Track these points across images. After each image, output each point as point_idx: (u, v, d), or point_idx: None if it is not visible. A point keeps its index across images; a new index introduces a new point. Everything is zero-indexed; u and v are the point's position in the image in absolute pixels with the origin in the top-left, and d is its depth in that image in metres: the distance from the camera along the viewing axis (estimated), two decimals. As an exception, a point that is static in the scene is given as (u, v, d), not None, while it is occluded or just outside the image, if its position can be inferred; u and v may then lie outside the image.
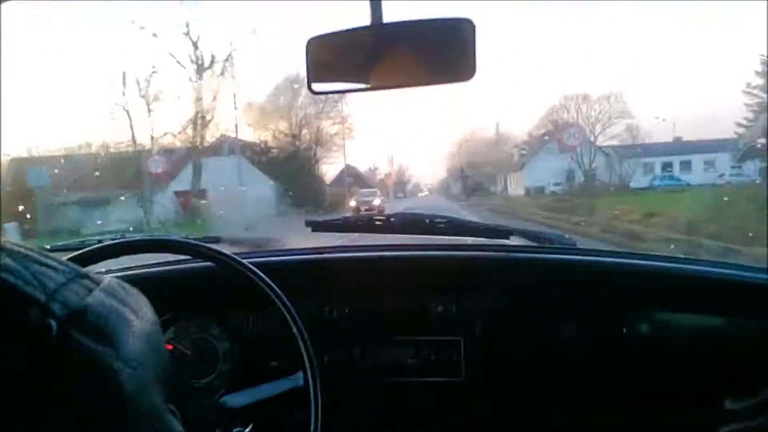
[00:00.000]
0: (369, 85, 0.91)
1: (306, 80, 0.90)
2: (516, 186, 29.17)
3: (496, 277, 1.43)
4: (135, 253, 1.22)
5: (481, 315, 1.37)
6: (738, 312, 1.31)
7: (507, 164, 30.29)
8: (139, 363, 0.37)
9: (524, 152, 29.92)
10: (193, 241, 1.22)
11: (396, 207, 19.93)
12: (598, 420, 1.35)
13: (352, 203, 20.55)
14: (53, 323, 0.33)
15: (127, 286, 0.42)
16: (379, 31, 0.88)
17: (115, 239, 1.28)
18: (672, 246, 7.76)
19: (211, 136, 20.79)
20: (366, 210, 15.93)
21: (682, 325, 1.35)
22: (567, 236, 1.57)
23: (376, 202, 19.76)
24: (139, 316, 0.40)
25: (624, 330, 1.34)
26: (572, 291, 1.39)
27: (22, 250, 0.36)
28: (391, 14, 0.89)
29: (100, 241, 1.23)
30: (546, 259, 1.45)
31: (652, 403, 1.33)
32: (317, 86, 0.92)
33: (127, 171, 17.69)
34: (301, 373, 1.05)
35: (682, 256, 1.46)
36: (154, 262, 1.48)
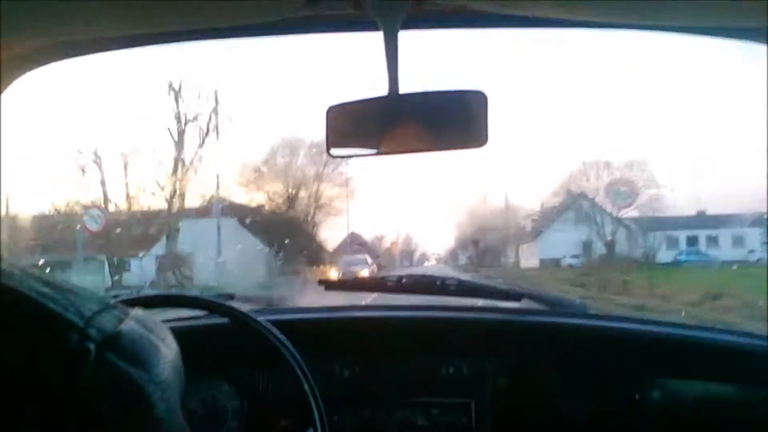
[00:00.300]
0: (384, 150, 0.96)
1: (325, 145, 0.95)
2: (528, 257, 27.72)
3: (507, 340, 1.43)
4: (151, 307, 1.24)
5: (491, 378, 1.37)
6: (749, 380, 1.30)
7: (519, 234, 29.33)
8: (168, 386, 0.39)
9: (536, 222, 28.20)
10: (209, 298, 1.25)
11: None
12: None
13: (333, 273, 18.48)
14: (92, 346, 0.35)
15: (152, 317, 0.44)
16: (395, 101, 0.93)
17: (131, 295, 1.31)
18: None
19: (199, 197, 19.86)
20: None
21: (694, 392, 1.34)
22: (578, 301, 1.58)
23: (364, 272, 16.21)
24: (166, 344, 0.42)
25: (636, 396, 1.32)
26: (584, 356, 1.38)
27: (57, 281, 0.39)
28: (407, 85, 0.94)
29: (116, 296, 1.26)
30: (558, 323, 1.46)
31: None
32: (335, 151, 0.97)
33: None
34: (310, 430, 1.05)
35: (693, 324, 1.46)
36: (166, 318, 1.50)
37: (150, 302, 1.24)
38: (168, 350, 0.42)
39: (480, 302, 1.54)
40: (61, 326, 0.35)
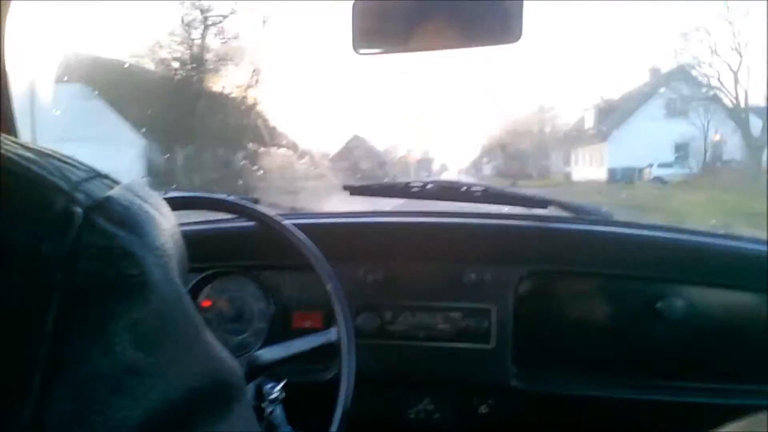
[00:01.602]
0: (413, 47, 0.91)
1: (351, 43, 0.90)
2: (589, 166, 21.80)
3: (531, 246, 1.42)
4: (174, 209, 1.25)
5: (513, 284, 1.38)
6: None
7: (574, 136, 24.16)
8: (164, 254, 0.38)
9: (604, 113, 22.12)
10: (235, 200, 1.25)
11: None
12: (625, 394, 1.35)
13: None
14: (78, 210, 0.33)
15: (146, 187, 0.42)
16: None
17: (165, 194, 1.30)
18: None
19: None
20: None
21: (716, 300, 1.33)
22: (604, 209, 1.56)
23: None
24: (162, 213, 0.40)
25: (658, 304, 1.33)
26: (607, 263, 1.38)
27: (43, 148, 0.37)
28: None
29: None
30: (581, 230, 1.45)
31: (681, 379, 1.33)
32: (362, 49, 0.92)
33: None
34: (334, 329, 1.07)
35: (721, 232, 1.43)
36: (192, 220, 1.52)
37: (173, 203, 1.24)
38: (164, 219, 0.40)
39: (506, 209, 1.52)
40: (46, 190, 0.34)
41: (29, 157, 0.35)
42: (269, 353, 1.06)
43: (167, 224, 0.41)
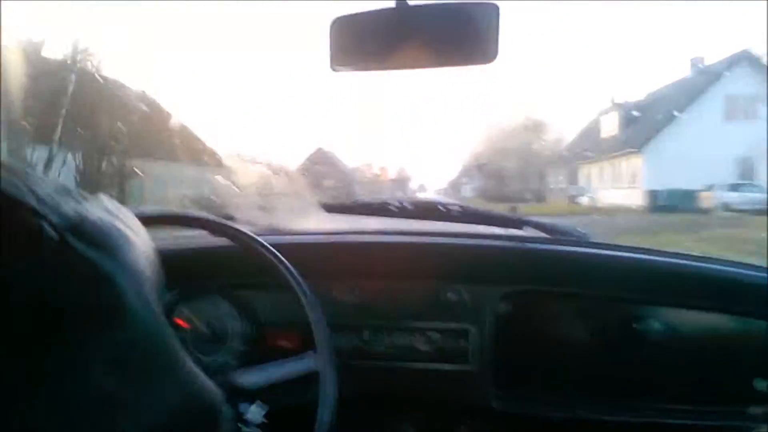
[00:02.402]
0: (391, 65, 0.91)
1: (329, 60, 0.90)
2: (614, 187, 16.23)
3: (508, 267, 1.43)
4: (148, 225, 1.22)
5: (491, 304, 1.38)
6: (748, 311, 1.30)
7: (585, 147, 19.02)
8: (139, 274, 0.37)
9: (629, 121, 16.97)
10: (214, 218, 1.23)
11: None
12: (605, 414, 1.35)
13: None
14: (49, 228, 0.33)
15: (116, 203, 0.41)
16: (404, 12, 0.88)
17: (136, 209, 1.27)
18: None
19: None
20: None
21: (692, 322, 1.35)
22: (580, 229, 1.57)
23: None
24: (135, 232, 0.40)
25: (634, 325, 1.33)
26: (584, 284, 1.39)
27: (15, 166, 0.36)
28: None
29: None
30: (559, 251, 1.45)
31: (659, 400, 1.33)
32: (339, 66, 0.92)
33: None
34: (313, 356, 1.05)
35: (696, 253, 1.45)
36: (165, 237, 1.49)
37: (148, 219, 1.21)
38: (138, 238, 0.40)
39: (481, 228, 1.53)
40: (18, 211, 0.33)
41: (2, 176, 0.34)
42: (247, 377, 1.03)
43: (142, 243, 0.40)
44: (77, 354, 0.33)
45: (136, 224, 0.42)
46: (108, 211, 0.38)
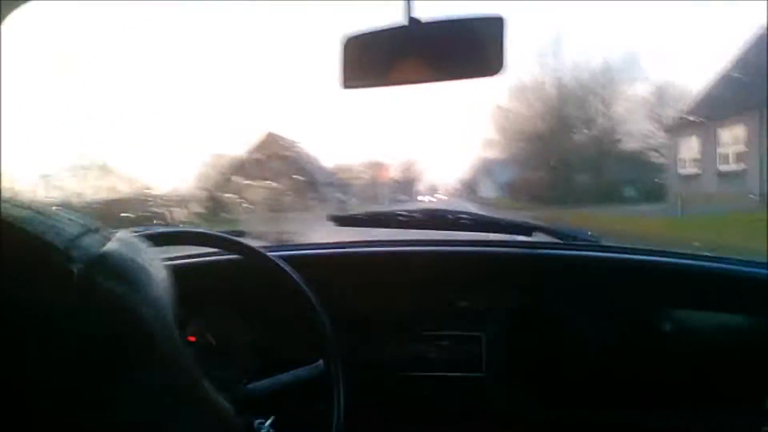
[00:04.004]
0: (399, 81, 0.93)
1: (341, 77, 0.92)
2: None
3: (519, 273, 1.43)
4: (159, 244, 1.23)
5: (503, 311, 1.38)
6: (762, 311, 1.30)
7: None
8: (161, 305, 0.39)
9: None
10: (220, 234, 1.24)
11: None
12: (619, 418, 1.35)
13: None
14: (76, 267, 0.34)
15: (138, 238, 0.43)
16: (412, 30, 0.89)
17: (139, 231, 1.29)
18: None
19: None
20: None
21: (706, 322, 1.34)
22: (590, 233, 1.57)
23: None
24: (154, 266, 0.41)
25: (648, 327, 1.33)
26: (595, 288, 1.39)
27: (38, 205, 0.38)
28: (422, 12, 0.90)
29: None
30: (569, 255, 1.46)
31: (675, 403, 1.33)
32: (350, 83, 0.94)
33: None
34: (322, 361, 1.06)
35: (706, 253, 1.45)
36: (179, 254, 1.50)
37: (159, 238, 1.23)
38: (157, 271, 0.41)
39: (492, 236, 1.53)
40: (43, 249, 0.34)
41: (26, 216, 0.35)
42: (258, 388, 1.04)
43: (160, 274, 0.41)
44: (110, 387, 0.34)
45: (152, 255, 0.43)
46: (128, 245, 0.39)
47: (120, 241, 0.39)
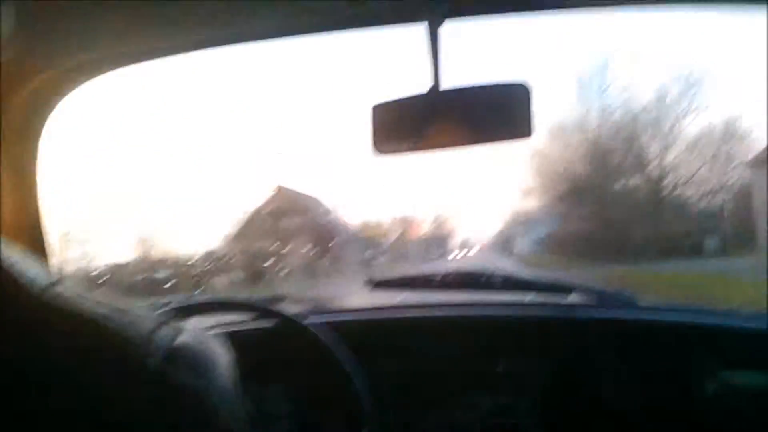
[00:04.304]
0: (428, 146, 0.96)
1: (372, 143, 0.96)
2: None
3: (557, 335, 1.41)
4: (202, 313, 1.26)
5: (541, 375, 1.35)
6: None
7: None
8: (228, 394, 0.41)
9: None
10: (258, 302, 1.27)
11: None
12: None
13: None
14: (152, 361, 0.36)
15: (203, 330, 0.46)
16: (439, 96, 0.93)
17: (183, 302, 1.33)
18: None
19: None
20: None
21: (752, 384, 1.29)
22: (627, 293, 1.54)
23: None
24: (220, 354, 0.44)
25: (692, 390, 1.28)
26: (636, 350, 1.35)
27: (111, 303, 0.41)
28: (449, 80, 0.94)
29: (168, 302, 1.29)
30: (608, 317, 1.43)
31: None
32: (381, 149, 0.97)
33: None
34: None
35: (748, 312, 1.40)
36: (217, 323, 1.53)
37: (201, 308, 1.26)
38: (223, 360, 0.43)
39: (528, 297, 1.52)
40: (122, 344, 0.37)
41: (105, 314, 0.38)
42: None
43: (226, 363, 0.44)
44: None
45: (218, 344, 0.46)
46: (197, 338, 0.42)
47: (191, 335, 0.42)
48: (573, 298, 1.48)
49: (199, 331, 0.44)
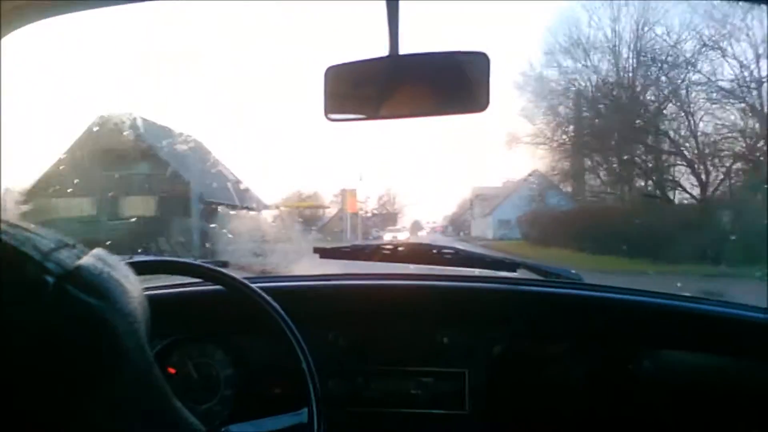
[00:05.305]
0: (383, 114, 0.93)
1: (323, 108, 0.92)
2: None
3: (502, 309, 1.42)
4: (142, 273, 1.21)
5: (486, 347, 1.37)
6: (742, 352, 1.30)
7: None
8: (135, 320, 0.39)
9: None
10: (203, 265, 1.22)
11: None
12: None
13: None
14: (50, 278, 0.34)
15: (112, 255, 0.43)
16: (396, 62, 0.90)
17: (121, 259, 1.27)
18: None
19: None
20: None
21: (686, 363, 1.34)
22: (573, 271, 1.57)
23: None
24: (129, 281, 0.42)
25: (629, 366, 1.33)
26: (578, 326, 1.38)
27: (13, 221, 0.38)
28: (407, 46, 0.91)
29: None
30: (553, 293, 1.45)
31: None
32: (333, 115, 0.94)
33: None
34: (305, 409, 1.04)
35: (688, 294, 1.45)
36: (161, 284, 1.48)
37: (142, 267, 1.21)
38: (132, 287, 0.41)
39: (476, 272, 1.53)
40: (18, 259, 0.35)
41: (2, 229, 0.36)
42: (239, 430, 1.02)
43: (135, 291, 0.41)
44: (80, 397, 0.34)
45: (131, 274, 0.44)
46: (103, 261, 0.40)
47: (95, 257, 0.40)
48: (520, 273, 1.50)
49: (107, 255, 0.42)
